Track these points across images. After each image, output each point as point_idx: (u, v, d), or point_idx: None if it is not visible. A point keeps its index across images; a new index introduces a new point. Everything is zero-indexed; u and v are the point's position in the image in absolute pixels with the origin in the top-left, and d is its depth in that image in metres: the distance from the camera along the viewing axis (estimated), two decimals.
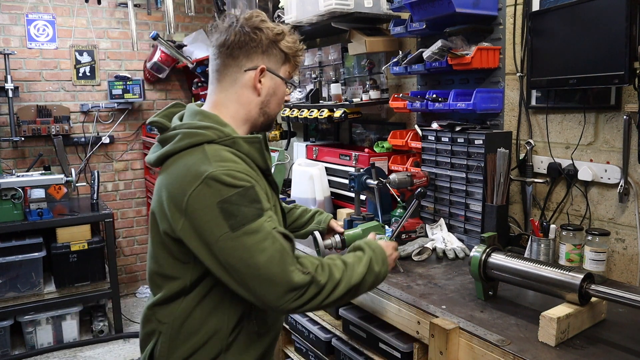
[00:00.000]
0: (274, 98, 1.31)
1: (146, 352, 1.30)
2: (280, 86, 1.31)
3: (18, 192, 3.32)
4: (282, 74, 1.30)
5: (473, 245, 1.78)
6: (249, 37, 1.23)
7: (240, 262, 1.10)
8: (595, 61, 1.65)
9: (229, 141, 1.19)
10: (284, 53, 1.29)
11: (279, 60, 1.29)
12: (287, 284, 1.11)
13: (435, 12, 2.00)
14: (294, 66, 1.33)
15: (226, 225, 1.09)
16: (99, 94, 4.33)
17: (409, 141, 2.37)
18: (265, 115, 1.31)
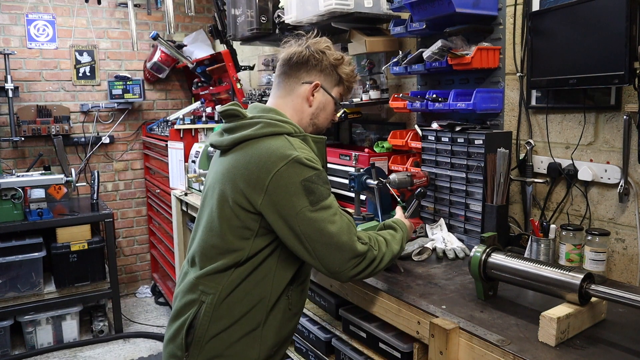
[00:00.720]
0: (323, 112, 1.50)
1: (184, 320, 1.38)
2: (329, 103, 1.51)
3: (18, 192, 3.32)
4: (334, 93, 1.50)
5: (473, 245, 1.78)
6: (312, 56, 1.45)
7: (316, 232, 1.28)
8: (595, 61, 1.65)
9: (302, 136, 1.41)
10: (339, 76, 1.49)
11: (333, 81, 1.49)
12: (352, 251, 1.30)
13: (435, 12, 2.00)
14: (346, 90, 1.54)
15: (307, 200, 1.28)
16: (99, 94, 4.33)
17: (409, 141, 2.37)
18: (314, 125, 1.51)
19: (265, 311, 1.38)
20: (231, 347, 1.36)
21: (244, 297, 1.36)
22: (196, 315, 1.37)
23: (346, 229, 1.32)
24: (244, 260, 1.36)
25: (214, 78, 4.15)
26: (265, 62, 3.66)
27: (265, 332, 1.39)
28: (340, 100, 1.54)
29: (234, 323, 1.36)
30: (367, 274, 1.36)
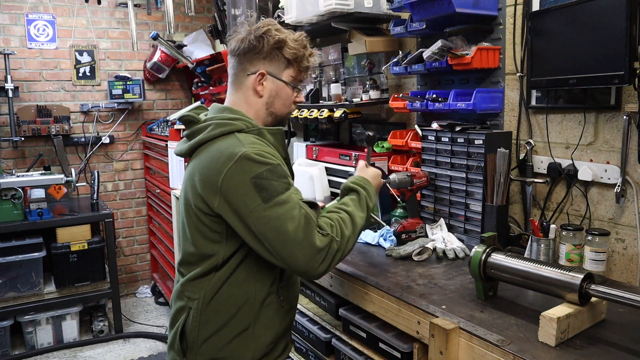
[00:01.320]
0: (278, 100, 1.42)
1: (177, 327, 1.40)
2: (283, 89, 1.42)
3: (18, 192, 3.32)
4: (285, 77, 1.41)
5: (473, 245, 1.78)
6: (252, 45, 1.37)
7: (272, 231, 1.23)
8: (595, 61, 1.65)
9: (255, 131, 1.35)
10: (286, 59, 1.39)
11: (281, 65, 1.40)
12: (312, 247, 1.24)
13: (435, 12, 2.00)
14: (299, 70, 1.42)
15: (259, 197, 1.23)
16: (99, 94, 4.33)
17: (409, 141, 2.37)
18: (272, 115, 1.44)
19: (253, 311, 1.37)
20: (225, 349, 1.36)
21: (228, 299, 1.35)
22: (186, 321, 1.38)
23: (304, 225, 1.25)
24: (221, 264, 1.34)
25: (214, 78, 4.15)
26: None
27: (257, 331, 1.38)
28: (298, 82, 1.45)
29: (224, 325, 1.36)
30: (337, 261, 1.31)
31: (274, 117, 1.44)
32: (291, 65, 1.41)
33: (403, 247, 1.96)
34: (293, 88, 1.44)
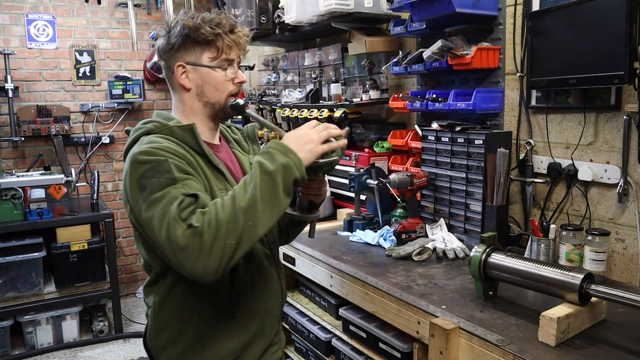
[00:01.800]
0: (206, 87, 1.31)
1: (144, 335, 1.38)
2: (208, 74, 1.30)
3: (18, 192, 3.32)
4: (205, 60, 1.30)
5: (473, 245, 1.78)
6: (166, 43, 1.31)
7: (152, 234, 1.10)
8: (595, 61, 1.65)
9: (165, 130, 1.25)
10: (199, 42, 1.29)
11: (197, 51, 1.29)
12: (177, 247, 1.04)
13: (435, 12, 2.00)
14: (218, 48, 1.29)
15: (141, 198, 1.12)
16: (99, 94, 4.33)
17: (409, 141, 2.37)
18: (208, 105, 1.33)
19: (203, 322, 1.28)
20: (182, 357, 1.29)
21: (177, 309, 1.28)
22: (147, 326, 1.35)
23: (165, 222, 1.06)
24: (163, 272, 1.27)
25: None
26: (265, 62, 3.66)
27: (213, 343, 1.29)
28: (224, 61, 1.31)
29: (178, 336, 1.29)
30: (228, 254, 1.05)
31: (211, 107, 1.33)
32: (208, 46, 1.29)
33: (403, 247, 1.96)
34: (219, 68, 1.30)
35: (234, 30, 1.31)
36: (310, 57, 3.17)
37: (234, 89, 1.33)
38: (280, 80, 3.53)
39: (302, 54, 3.23)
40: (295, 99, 3.13)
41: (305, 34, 3.08)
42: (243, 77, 1.34)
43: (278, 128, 1.36)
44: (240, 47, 1.33)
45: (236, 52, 1.32)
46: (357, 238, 2.18)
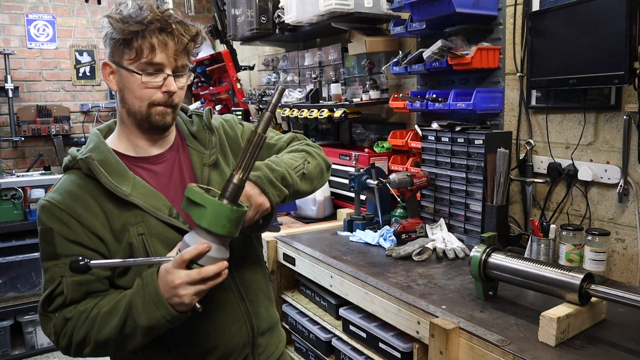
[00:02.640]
0: (127, 92, 1.13)
1: None
2: (127, 77, 1.11)
3: (18, 192, 3.32)
4: (126, 62, 1.10)
5: (473, 245, 1.78)
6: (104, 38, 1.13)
7: None
8: (595, 61, 1.65)
9: (76, 164, 1.13)
10: (118, 40, 1.09)
11: (118, 50, 1.11)
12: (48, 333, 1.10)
13: (435, 12, 2.00)
14: (136, 49, 1.08)
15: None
16: (99, 94, 4.33)
17: (409, 141, 2.37)
18: (130, 113, 1.15)
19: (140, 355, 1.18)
20: None
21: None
22: None
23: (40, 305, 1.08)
24: None
25: (214, 78, 4.15)
26: (265, 62, 3.66)
27: None
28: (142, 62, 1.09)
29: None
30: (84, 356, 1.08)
31: (134, 116, 1.14)
32: (127, 46, 1.09)
33: (403, 247, 1.96)
34: (137, 73, 1.10)
35: (165, 28, 1.08)
36: (310, 57, 3.17)
37: (159, 98, 1.12)
38: (280, 80, 3.53)
39: (302, 54, 3.24)
40: (295, 99, 3.13)
41: (305, 34, 3.08)
42: (171, 86, 1.11)
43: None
44: (170, 50, 1.10)
45: (165, 55, 1.09)
46: (357, 238, 2.18)
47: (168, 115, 1.15)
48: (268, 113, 1.01)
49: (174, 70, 1.13)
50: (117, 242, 1.11)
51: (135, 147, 1.19)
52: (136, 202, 1.11)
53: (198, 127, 1.28)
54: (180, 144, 1.26)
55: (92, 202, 1.10)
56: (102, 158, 1.12)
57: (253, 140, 0.99)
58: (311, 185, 1.29)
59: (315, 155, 1.33)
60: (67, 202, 1.09)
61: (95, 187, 1.10)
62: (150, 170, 1.19)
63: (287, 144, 1.39)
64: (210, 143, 1.26)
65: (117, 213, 1.11)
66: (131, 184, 1.12)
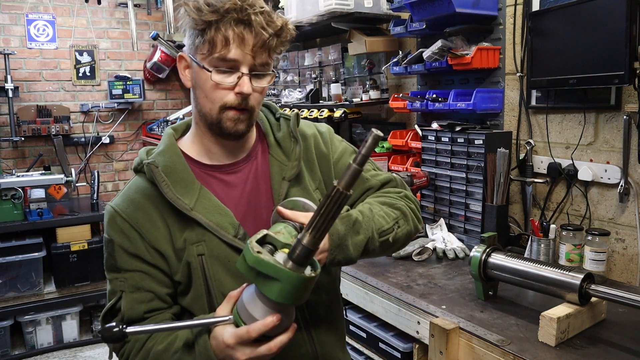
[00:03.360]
0: (199, 91, 1.01)
1: None
2: (199, 74, 0.99)
3: (18, 192, 3.32)
4: (199, 56, 0.97)
5: (473, 245, 1.78)
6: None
7: None
8: (595, 61, 1.65)
9: (144, 168, 1.03)
10: (193, 29, 0.96)
11: (194, 42, 0.98)
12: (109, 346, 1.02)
13: (435, 12, 2.00)
14: (209, 42, 0.95)
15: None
16: (99, 94, 4.33)
17: (409, 141, 2.37)
18: (202, 116, 1.02)
19: None
20: None
21: None
22: None
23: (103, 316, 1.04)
24: None
25: None
26: None
27: None
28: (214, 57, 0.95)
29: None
30: None
31: (204, 118, 1.02)
32: (200, 37, 0.96)
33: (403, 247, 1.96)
34: (207, 70, 0.97)
35: (244, 19, 0.93)
36: (310, 57, 3.17)
37: (231, 100, 0.98)
38: (280, 80, 3.53)
39: (302, 54, 3.23)
40: (295, 99, 3.13)
41: (305, 34, 3.08)
42: (245, 87, 0.96)
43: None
44: (248, 45, 0.94)
45: (241, 51, 0.94)
46: None
47: (241, 122, 1.00)
48: (355, 166, 0.80)
49: (251, 69, 0.97)
50: (178, 260, 1.01)
51: (208, 152, 1.06)
52: (198, 218, 0.99)
53: (284, 134, 1.11)
54: (260, 150, 1.11)
55: (155, 213, 1.01)
56: (168, 163, 1.01)
57: (332, 196, 0.80)
58: (385, 252, 1.09)
59: (409, 218, 1.10)
60: (130, 212, 1.01)
61: (160, 196, 1.00)
62: (223, 181, 1.06)
63: (381, 184, 1.16)
64: (294, 154, 1.09)
65: (180, 228, 1.00)
66: (196, 195, 1.00)
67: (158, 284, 1.02)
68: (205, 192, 1.02)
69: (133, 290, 1.01)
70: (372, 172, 1.18)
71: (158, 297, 1.02)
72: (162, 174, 1.00)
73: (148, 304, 1.01)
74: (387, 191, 1.14)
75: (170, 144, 1.05)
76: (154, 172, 1.00)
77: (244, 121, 1.00)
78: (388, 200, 1.10)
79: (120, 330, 0.86)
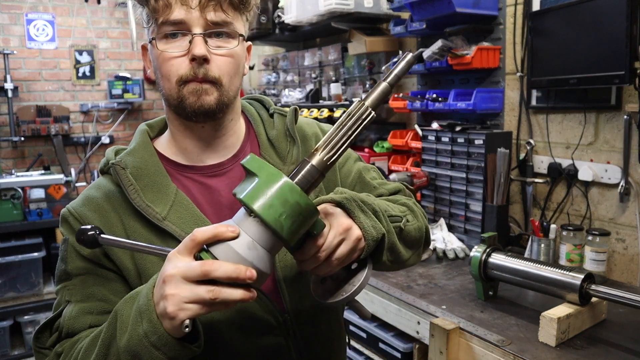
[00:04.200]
0: (157, 74, 0.87)
1: None
2: (152, 52, 0.86)
3: (18, 192, 3.32)
4: (152, 33, 0.84)
5: (473, 245, 1.78)
6: None
7: None
8: (595, 61, 1.65)
9: (106, 169, 0.90)
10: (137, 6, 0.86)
11: (143, 20, 0.86)
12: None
13: (435, 12, 2.00)
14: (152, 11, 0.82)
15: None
16: (98, 94, 4.33)
17: (409, 141, 2.37)
18: (167, 103, 0.88)
19: None
20: None
21: None
22: None
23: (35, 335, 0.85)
24: None
25: None
26: (265, 62, 3.66)
27: None
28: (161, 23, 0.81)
29: None
30: None
31: (170, 105, 0.87)
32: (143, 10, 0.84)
33: None
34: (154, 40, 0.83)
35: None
36: (310, 57, 3.17)
37: (185, 70, 0.81)
38: (280, 80, 3.53)
39: (302, 54, 3.23)
40: (295, 99, 3.13)
41: (305, 34, 3.08)
42: (196, 48, 0.79)
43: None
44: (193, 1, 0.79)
45: (186, 9, 0.79)
46: None
47: (206, 94, 0.82)
48: (385, 84, 0.72)
49: (204, 29, 0.81)
50: (139, 277, 0.84)
51: (184, 150, 0.91)
52: (170, 229, 0.83)
53: (279, 132, 0.96)
54: (250, 150, 0.95)
55: (114, 218, 0.86)
56: (138, 164, 0.87)
57: (355, 112, 0.69)
58: (407, 251, 0.89)
59: (419, 216, 0.95)
60: (84, 212, 0.87)
61: (125, 200, 0.86)
62: (203, 185, 0.90)
63: (389, 193, 1.02)
64: (290, 156, 0.93)
65: (148, 239, 0.84)
66: (170, 202, 0.85)
67: (113, 294, 0.83)
68: (182, 197, 0.86)
69: (82, 298, 0.84)
70: (379, 181, 1.04)
71: (112, 310, 0.79)
72: (129, 177, 0.85)
73: (97, 317, 0.82)
74: (395, 198, 1.00)
75: (143, 142, 0.91)
76: (119, 174, 0.85)
77: (210, 94, 0.82)
78: (392, 199, 0.98)
79: (94, 235, 0.74)
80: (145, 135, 0.92)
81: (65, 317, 0.82)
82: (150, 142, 0.91)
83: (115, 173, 0.86)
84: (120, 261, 0.84)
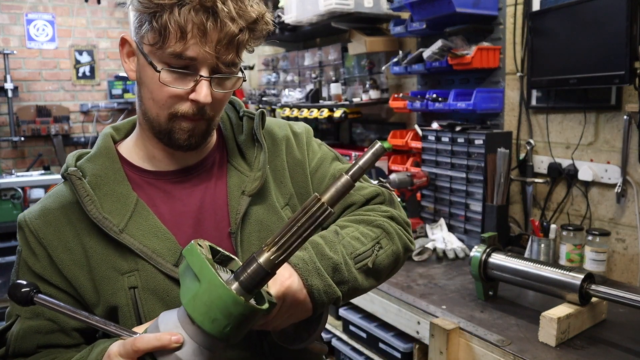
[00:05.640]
0: (144, 89, 0.80)
1: None
2: (145, 69, 0.78)
3: (18, 192, 3.32)
4: (146, 49, 0.76)
5: (473, 245, 1.78)
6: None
7: None
8: (595, 61, 1.65)
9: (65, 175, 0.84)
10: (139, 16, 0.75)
11: (141, 26, 0.75)
12: None
13: (436, 12, 2.00)
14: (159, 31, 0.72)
15: None
16: (98, 94, 4.33)
17: (409, 141, 2.37)
18: (147, 120, 0.82)
19: None
20: None
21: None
22: None
23: None
24: None
25: None
26: (265, 62, 3.66)
27: None
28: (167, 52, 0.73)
29: None
30: None
31: (151, 125, 0.82)
32: (148, 22, 0.74)
33: None
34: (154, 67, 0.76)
35: (207, 5, 0.71)
36: (310, 57, 3.17)
37: (184, 109, 0.78)
38: (280, 80, 3.53)
39: (302, 54, 3.23)
40: (295, 99, 3.12)
41: (305, 34, 3.08)
42: (201, 95, 0.75)
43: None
44: (211, 40, 0.73)
45: (201, 48, 0.72)
46: None
47: (196, 135, 0.80)
48: (347, 178, 0.64)
49: (213, 71, 0.76)
50: (97, 293, 0.80)
51: (151, 158, 0.86)
52: (128, 242, 0.79)
53: (247, 136, 0.91)
54: (219, 156, 0.90)
55: (69, 232, 0.82)
56: (98, 172, 0.82)
57: (309, 209, 0.62)
58: (377, 280, 0.87)
59: (394, 236, 0.89)
60: (39, 225, 0.84)
61: (81, 211, 0.81)
62: (166, 192, 0.85)
63: (365, 200, 0.94)
64: (257, 162, 0.88)
65: (106, 253, 0.80)
66: (129, 213, 0.80)
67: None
68: (142, 207, 0.81)
69: (30, 316, 0.80)
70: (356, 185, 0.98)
71: (61, 329, 0.79)
72: (86, 187, 0.80)
73: (45, 337, 0.80)
74: (371, 208, 0.93)
75: (106, 147, 0.85)
76: (75, 184, 0.80)
77: (200, 134, 0.80)
78: (366, 217, 0.89)
79: (29, 292, 0.70)
80: (108, 140, 0.87)
81: (12, 336, 0.80)
82: (113, 147, 0.86)
83: (71, 184, 0.81)
84: (75, 277, 0.80)
